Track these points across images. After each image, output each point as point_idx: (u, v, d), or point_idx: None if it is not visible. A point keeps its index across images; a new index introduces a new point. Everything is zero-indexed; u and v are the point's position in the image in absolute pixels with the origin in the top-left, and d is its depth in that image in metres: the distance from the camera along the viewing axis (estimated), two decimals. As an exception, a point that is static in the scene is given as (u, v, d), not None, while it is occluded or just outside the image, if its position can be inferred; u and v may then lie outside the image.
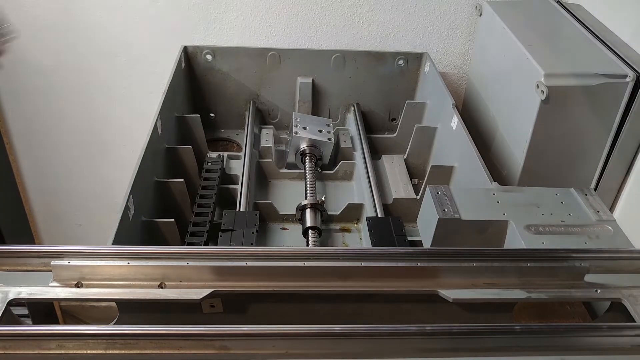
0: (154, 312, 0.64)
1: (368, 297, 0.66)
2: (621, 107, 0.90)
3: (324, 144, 1.14)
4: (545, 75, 0.88)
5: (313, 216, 0.97)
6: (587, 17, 1.08)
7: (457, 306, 0.65)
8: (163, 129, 0.98)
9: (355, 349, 0.54)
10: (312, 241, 0.93)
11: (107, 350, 0.52)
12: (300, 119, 1.18)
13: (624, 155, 0.94)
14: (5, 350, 0.52)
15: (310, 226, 0.95)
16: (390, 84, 1.26)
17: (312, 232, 0.94)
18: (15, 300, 0.57)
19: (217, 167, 1.07)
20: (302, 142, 1.13)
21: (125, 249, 0.61)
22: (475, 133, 0.97)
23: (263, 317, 0.66)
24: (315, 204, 0.98)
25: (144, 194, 0.85)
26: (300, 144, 1.13)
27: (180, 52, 1.17)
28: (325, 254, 0.62)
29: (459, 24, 1.23)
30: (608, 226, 0.73)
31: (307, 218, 0.97)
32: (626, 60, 0.91)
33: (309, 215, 0.97)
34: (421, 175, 1.13)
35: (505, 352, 0.55)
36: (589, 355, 0.55)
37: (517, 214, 0.74)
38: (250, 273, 0.60)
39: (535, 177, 0.96)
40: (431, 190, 0.77)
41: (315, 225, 0.95)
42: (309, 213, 0.98)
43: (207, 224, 0.94)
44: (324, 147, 1.14)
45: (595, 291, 0.62)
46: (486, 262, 0.62)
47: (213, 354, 0.53)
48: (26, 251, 0.61)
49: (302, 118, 1.18)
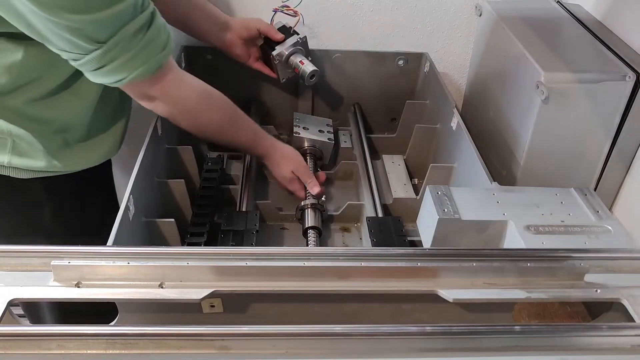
0: (154, 312, 0.64)
1: (368, 297, 0.66)
2: (621, 107, 0.90)
3: (324, 144, 1.13)
4: (545, 75, 0.88)
5: (313, 216, 0.97)
6: (587, 17, 1.08)
7: (457, 306, 0.65)
8: (163, 129, 0.98)
9: (355, 349, 0.54)
10: (312, 241, 0.93)
11: (107, 350, 0.52)
12: (301, 119, 1.18)
13: (624, 155, 0.94)
14: (5, 350, 0.52)
15: (311, 226, 0.95)
16: (390, 84, 1.26)
17: (312, 232, 0.95)
18: (15, 300, 0.57)
19: (217, 167, 1.07)
20: (302, 143, 1.13)
21: (125, 249, 0.61)
22: (475, 133, 0.97)
23: (263, 317, 0.66)
24: (315, 204, 0.98)
25: (144, 194, 0.85)
26: (301, 145, 1.13)
27: (180, 52, 1.17)
28: (325, 254, 0.62)
29: (459, 24, 1.23)
30: (608, 226, 0.73)
31: (307, 218, 0.97)
32: (626, 60, 0.91)
33: (309, 215, 0.97)
34: (421, 175, 1.13)
35: (505, 352, 0.55)
36: (589, 355, 0.55)
37: (517, 214, 0.74)
38: (250, 273, 0.60)
39: (535, 177, 0.96)
40: (431, 190, 0.77)
41: (315, 226, 0.95)
42: (309, 213, 0.98)
43: (207, 224, 0.94)
44: (324, 147, 1.14)
45: (595, 291, 0.62)
46: (486, 262, 0.62)
47: (213, 354, 0.53)
48: (26, 251, 0.61)
49: (302, 118, 1.18)
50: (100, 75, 0.74)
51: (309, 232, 0.94)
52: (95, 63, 0.72)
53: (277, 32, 1.09)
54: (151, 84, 0.79)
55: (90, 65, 0.72)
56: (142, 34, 0.73)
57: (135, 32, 0.72)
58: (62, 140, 0.85)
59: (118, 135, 0.95)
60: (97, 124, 0.90)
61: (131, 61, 0.73)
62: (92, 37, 0.69)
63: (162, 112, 0.86)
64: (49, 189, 0.88)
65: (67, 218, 0.93)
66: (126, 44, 0.71)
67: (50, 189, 0.88)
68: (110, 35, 0.70)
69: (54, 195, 0.90)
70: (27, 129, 0.81)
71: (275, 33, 1.09)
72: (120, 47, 0.71)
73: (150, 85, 0.80)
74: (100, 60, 0.71)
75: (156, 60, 0.76)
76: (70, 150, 0.87)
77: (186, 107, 0.86)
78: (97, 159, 0.91)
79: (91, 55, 0.71)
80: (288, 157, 1.01)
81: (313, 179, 1.01)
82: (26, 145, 0.82)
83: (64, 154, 0.86)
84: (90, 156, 0.90)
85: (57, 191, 0.89)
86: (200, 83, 0.87)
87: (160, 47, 0.76)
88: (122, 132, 0.96)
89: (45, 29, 0.68)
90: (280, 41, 1.09)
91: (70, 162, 0.87)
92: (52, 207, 0.90)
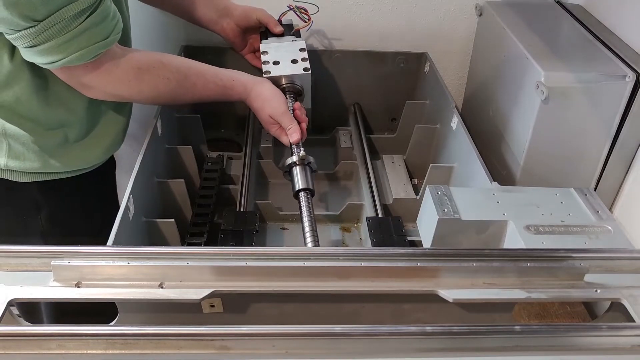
0: (154, 312, 0.64)
1: (368, 297, 0.66)
2: (621, 107, 0.90)
3: (302, 77, 0.98)
4: (545, 75, 0.88)
5: (303, 175, 0.87)
6: (587, 17, 1.08)
7: (457, 306, 0.65)
8: (163, 129, 0.98)
9: (355, 349, 0.54)
10: (305, 203, 0.84)
11: (107, 350, 0.52)
12: (270, 52, 1.01)
13: (624, 155, 0.94)
14: (5, 350, 0.52)
15: (302, 188, 0.85)
16: (390, 84, 1.25)
17: (304, 194, 0.85)
18: (15, 300, 0.57)
19: (217, 167, 1.07)
20: (277, 82, 0.97)
21: (125, 249, 0.61)
22: (475, 133, 0.97)
23: (263, 317, 0.66)
24: (304, 160, 0.88)
25: (144, 194, 0.85)
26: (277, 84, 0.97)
27: (180, 52, 1.17)
28: (325, 254, 0.62)
29: (459, 24, 1.23)
30: (608, 226, 0.73)
31: (297, 178, 0.87)
32: (626, 60, 0.91)
33: (299, 173, 0.87)
34: (421, 175, 1.13)
35: (505, 352, 0.55)
36: (589, 355, 0.55)
37: (517, 214, 0.74)
38: (250, 273, 0.60)
39: (535, 177, 0.96)
40: (431, 190, 0.77)
41: (307, 187, 0.86)
42: (298, 171, 0.87)
43: (207, 224, 0.94)
44: (302, 80, 0.99)
45: (595, 291, 0.62)
46: (486, 262, 0.62)
47: (213, 354, 0.53)
48: (26, 251, 0.61)
49: (270, 49, 1.02)
50: (33, 53, 0.72)
51: (300, 195, 0.86)
52: (28, 40, 0.70)
53: (277, 25, 1.05)
54: (86, 71, 0.76)
55: (22, 41, 0.70)
56: (83, 18, 0.70)
57: (76, 15, 0.69)
58: (59, 138, 0.84)
59: (118, 133, 0.93)
60: (96, 121, 0.89)
61: (66, 44, 0.71)
62: (28, 14, 0.67)
63: (103, 98, 0.84)
64: (46, 191, 0.87)
65: (65, 222, 0.92)
66: (63, 25, 0.69)
67: (47, 192, 0.87)
68: (48, 13, 0.68)
69: (51, 198, 0.89)
70: (22, 127, 0.80)
71: (274, 25, 1.05)
72: (57, 28, 0.69)
73: (84, 72, 0.77)
74: (35, 39, 0.69)
75: (94, 47, 0.73)
76: (67, 149, 0.85)
77: (124, 91, 0.82)
78: (94, 158, 0.90)
79: (25, 32, 0.69)
80: (265, 99, 0.90)
81: (293, 124, 0.90)
82: (21, 146, 0.81)
83: (61, 153, 0.85)
84: (87, 155, 0.89)
85: (55, 194, 0.89)
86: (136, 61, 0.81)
87: (102, 35, 0.73)
88: (123, 130, 0.95)
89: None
90: (278, 35, 1.04)
91: (67, 162, 0.86)
92: (49, 210, 0.90)
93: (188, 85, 0.87)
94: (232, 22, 1.06)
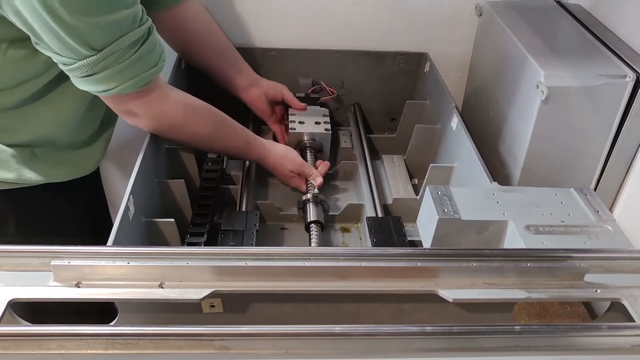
0: (154, 312, 0.64)
1: (368, 297, 0.66)
2: (621, 107, 0.90)
3: (323, 136, 1.12)
4: (545, 75, 0.88)
5: (315, 210, 0.96)
6: (587, 17, 1.08)
7: (457, 306, 0.65)
8: (163, 129, 0.98)
9: (355, 349, 0.54)
10: (314, 235, 0.92)
11: (107, 350, 0.52)
12: (296, 113, 1.16)
13: (623, 155, 0.94)
14: (5, 350, 0.52)
15: (313, 220, 0.95)
16: (390, 84, 1.25)
17: (315, 226, 0.94)
18: (15, 300, 0.57)
19: (217, 167, 1.07)
20: (300, 138, 1.12)
21: (125, 249, 0.61)
22: (475, 133, 0.97)
23: (263, 317, 0.66)
24: (317, 197, 0.98)
25: (144, 194, 0.85)
26: (299, 140, 1.12)
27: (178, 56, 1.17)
28: (325, 254, 0.62)
29: (459, 24, 1.23)
30: (608, 226, 0.73)
31: (309, 212, 0.96)
32: (626, 60, 0.91)
33: (311, 209, 0.97)
34: (421, 175, 1.13)
35: (505, 352, 0.55)
36: (589, 355, 0.55)
37: (517, 214, 0.74)
38: (250, 273, 0.60)
39: (535, 177, 0.96)
40: (431, 190, 0.77)
41: (318, 220, 0.95)
42: (310, 207, 0.97)
43: (207, 224, 0.94)
44: (323, 139, 1.12)
45: (595, 291, 0.62)
46: (486, 262, 0.62)
47: (213, 354, 0.53)
48: (26, 251, 0.61)
49: (297, 112, 1.16)
50: (89, 82, 0.74)
51: (311, 227, 0.94)
52: (86, 69, 0.72)
53: (299, 104, 1.14)
54: (136, 98, 0.80)
55: (80, 71, 0.72)
56: (137, 48, 0.74)
57: (131, 45, 0.72)
58: (31, 152, 0.85)
59: (95, 153, 0.95)
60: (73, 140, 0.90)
61: (121, 73, 0.74)
62: (89, 42, 0.69)
63: (146, 127, 0.87)
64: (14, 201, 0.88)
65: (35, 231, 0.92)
66: (120, 54, 0.72)
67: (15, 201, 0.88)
68: (107, 43, 0.70)
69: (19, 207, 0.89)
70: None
71: (297, 104, 1.14)
72: (114, 57, 0.72)
73: (134, 100, 0.80)
74: (93, 68, 0.72)
75: (146, 75, 0.76)
76: (39, 164, 0.86)
77: (170, 122, 0.87)
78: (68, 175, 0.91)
79: (84, 61, 0.71)
80: (283, 157, 1.01)
81: (313, 171, 1.01)
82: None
83: (34, 166, 0.85)
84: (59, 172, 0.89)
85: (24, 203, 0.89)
86: (184, 98, 0.87)
87: (152, 63, 0.77)
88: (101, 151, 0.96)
89: (43, 29, 0.68)
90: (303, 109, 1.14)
91: (40, 176, 0.86)
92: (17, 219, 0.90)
93: (221, 132, 0.93)
94: (260, 91, 1.12)
